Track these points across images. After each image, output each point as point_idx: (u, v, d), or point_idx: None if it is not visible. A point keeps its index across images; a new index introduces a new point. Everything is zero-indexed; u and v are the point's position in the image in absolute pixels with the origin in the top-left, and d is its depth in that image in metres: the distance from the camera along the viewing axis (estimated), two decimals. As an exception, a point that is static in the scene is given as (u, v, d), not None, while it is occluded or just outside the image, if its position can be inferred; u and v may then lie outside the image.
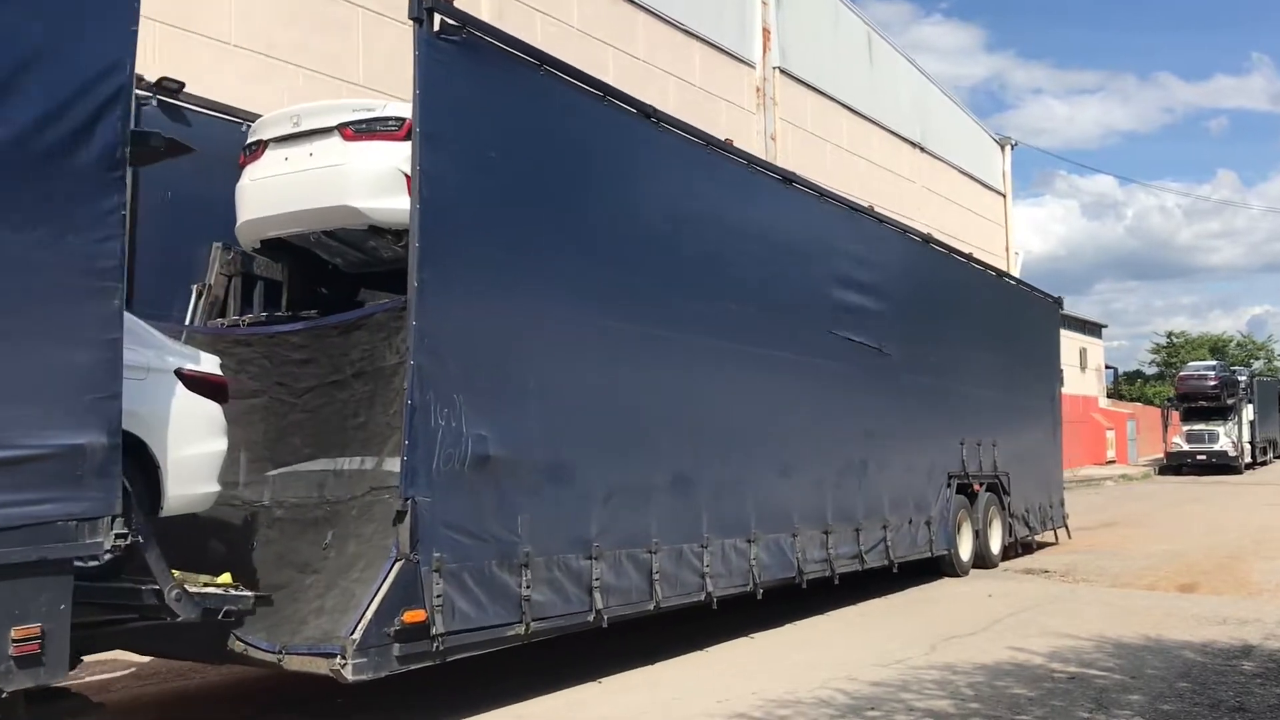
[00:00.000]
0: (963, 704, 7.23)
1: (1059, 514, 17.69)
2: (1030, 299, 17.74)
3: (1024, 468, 15.87)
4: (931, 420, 13.21)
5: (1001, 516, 15.09)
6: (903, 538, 12.19)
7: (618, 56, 19.63)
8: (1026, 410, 16.69)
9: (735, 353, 9.59)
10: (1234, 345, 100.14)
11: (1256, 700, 7.32)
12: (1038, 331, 17.83)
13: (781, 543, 9.97)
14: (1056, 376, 18.74)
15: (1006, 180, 39.71)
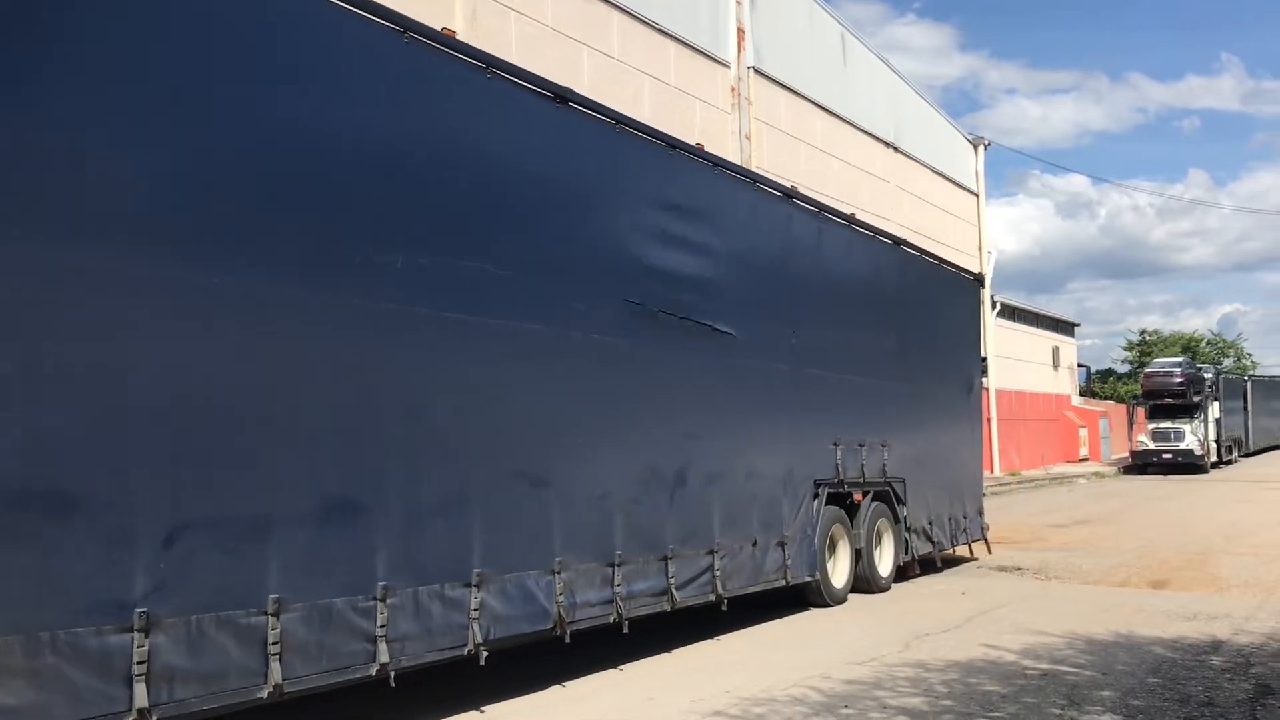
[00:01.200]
0: (936, 701, 7.27)
1: (976, 525, 15.31)
2: (942, 276, 15.16)
3: (928, 472, 13.57)
4: (791, 417, 10.81)
5: (894, 531, 12.73)
6: (741, 565, 9.76)
7: (592, 55, 19.62)
8: (933, 404, 14.19)
9: (459, 326, 7.03)
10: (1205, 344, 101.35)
11: (1225, 695, 7.40)
12: (952, 313, 15.29)
13: (530, 583, 7.37)
14: (977, 365, 16.25)
15: (979, 180, 39.94)
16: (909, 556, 13.14)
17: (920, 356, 13.82)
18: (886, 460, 12.61)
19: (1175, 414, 40.80)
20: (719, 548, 9.43)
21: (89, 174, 5.09)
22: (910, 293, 13.77)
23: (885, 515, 12.63)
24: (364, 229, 6.40)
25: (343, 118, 6.36)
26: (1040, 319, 48.05)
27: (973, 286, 16.62)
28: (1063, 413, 48.62)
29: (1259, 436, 53.86)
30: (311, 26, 6.22)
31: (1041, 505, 26.16)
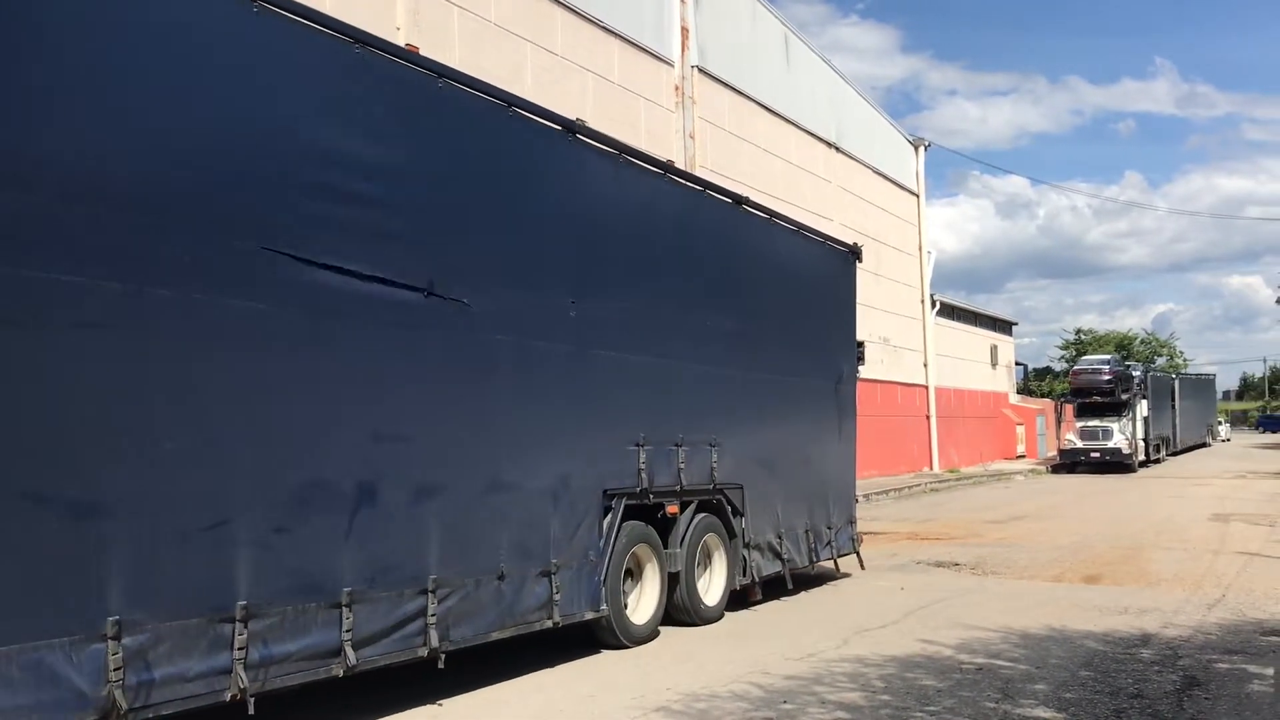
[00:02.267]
0: (873, 695, 7.36)
1: (846, 537, 13.20)
2: (805, 246, 12.86)
3: (779, 477, 11.66)
4: (567, 411, 8.49)
5: (727, 549, 10.64)
6: (477, 605, 7.45)
7: (536, 52, 19.57)
8: (789, 395, 12.08)
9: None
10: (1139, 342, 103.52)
11: (1153, 687, 7.58)
12: (819, 289, 13.09)
13: (53, 659, 4.98)
14: (851, 352, 13.88)
15: (920, 180, 40.42)
16: (749, 579, 10.95)
17: (771, 339, 11.66)
18: (717, 463, 10.40)
19: (1103, 412, 40.24)
20: (439, 585, 7.07)
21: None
22: (758, 263, 11.56)
23: (716, 530, 10.49)
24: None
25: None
26: (979, 318, 48.75)
27: (846, 260, 13.85)
28: (1001, 410, 49.37)
29: (1186, 435, 54.42)
30: None
31: (979, 502, 26.56)
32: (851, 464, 13.74)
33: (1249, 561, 14.48)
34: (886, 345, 35.77)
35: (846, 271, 13.94)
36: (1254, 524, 19.66)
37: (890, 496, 27.94)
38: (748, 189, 26.89)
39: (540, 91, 19.47)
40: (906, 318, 38.29)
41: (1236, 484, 31.81)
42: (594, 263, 8.95)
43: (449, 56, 17.20)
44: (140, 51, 5.57)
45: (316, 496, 6.41)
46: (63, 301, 5.16)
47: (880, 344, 35.20)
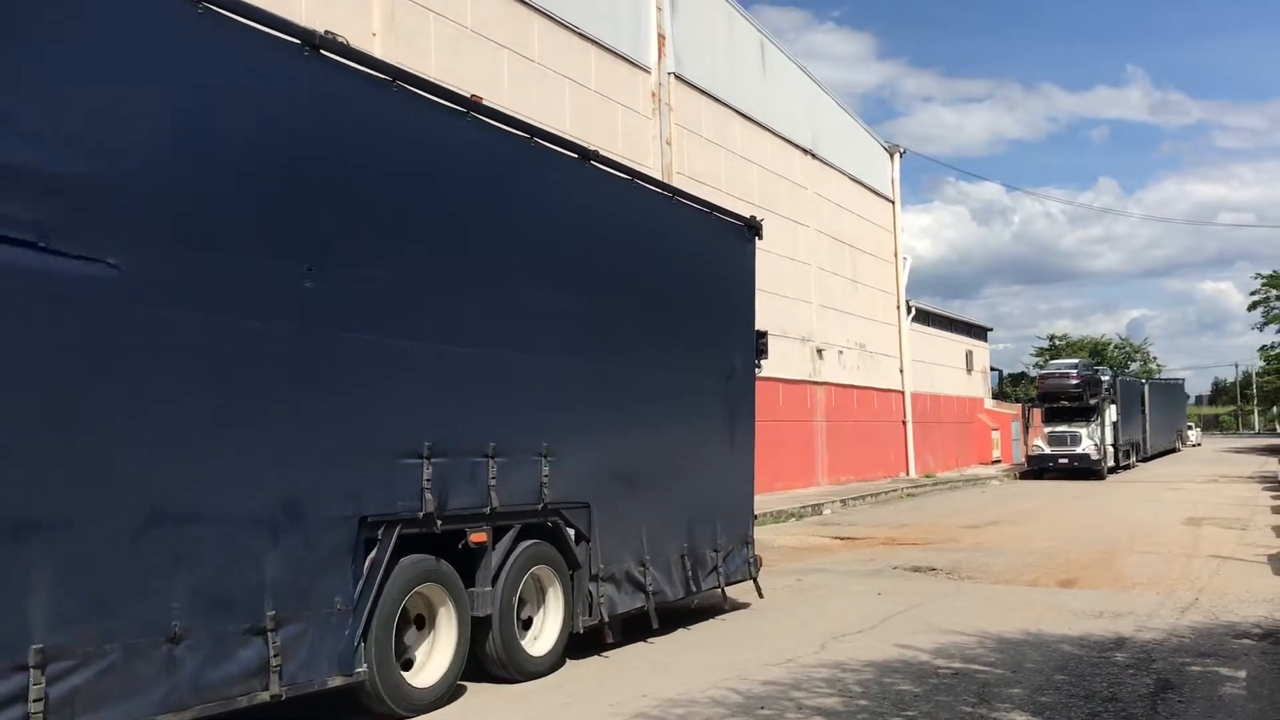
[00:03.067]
0: (851, 701, 7.38)
1: (740, 560, 11.28)
2: (687, 216, 10.87)
3: (644, 491, 9.61)
4: (291, 412, 6.42)
5: (565, 583, 8.60)
6: (131, 681, 5.38)
7: (512, 59, 19.56)
8: (659, 393, 9.99)
9: None
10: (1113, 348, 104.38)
11: (1128, 690, 7.63)
12: (703, 269, 11.01)
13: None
14: (748, 344, 11.83)
15: (895, 187, 40.64)
16: (596, 618, 8.83)
17: (635, 324, 9.65)
18: (550, 477, 8.34)
19: (1071, 417, 39.13)
20: (51, 658, 5.01)
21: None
22: (616, 232, 9.52)
23: (549, 561, 8.45)
24: None
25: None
26: (954, 324, 49.00)
27: (740, 236, 11.73)
28: (976, 415, 49.63)
29: (1157, 440, 53.77)
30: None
31: (955, 507, 26.67)
32: (748, 474, 11.66)
33: (1221, 565, 14.60)
34: (863, 351, 35.92)
35: (741, 249, 11.78)
36: (1226, 528, 19.82)
37: (867, 501, 28.02)
38: (724, 195, 26.99)
39: (516, 98, 19.47)
40: (882, 324, 38.48)
41: (1209, 488, 32.08)
42: (346, 219, 6.80)
43: (425, 62, 17.20)
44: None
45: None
46: None
47: (857, 350, 35.36)
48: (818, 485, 31.20)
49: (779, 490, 28.49)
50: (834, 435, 32.70)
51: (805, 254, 31.86)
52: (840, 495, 27.87)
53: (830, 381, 32.85)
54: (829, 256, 33.70)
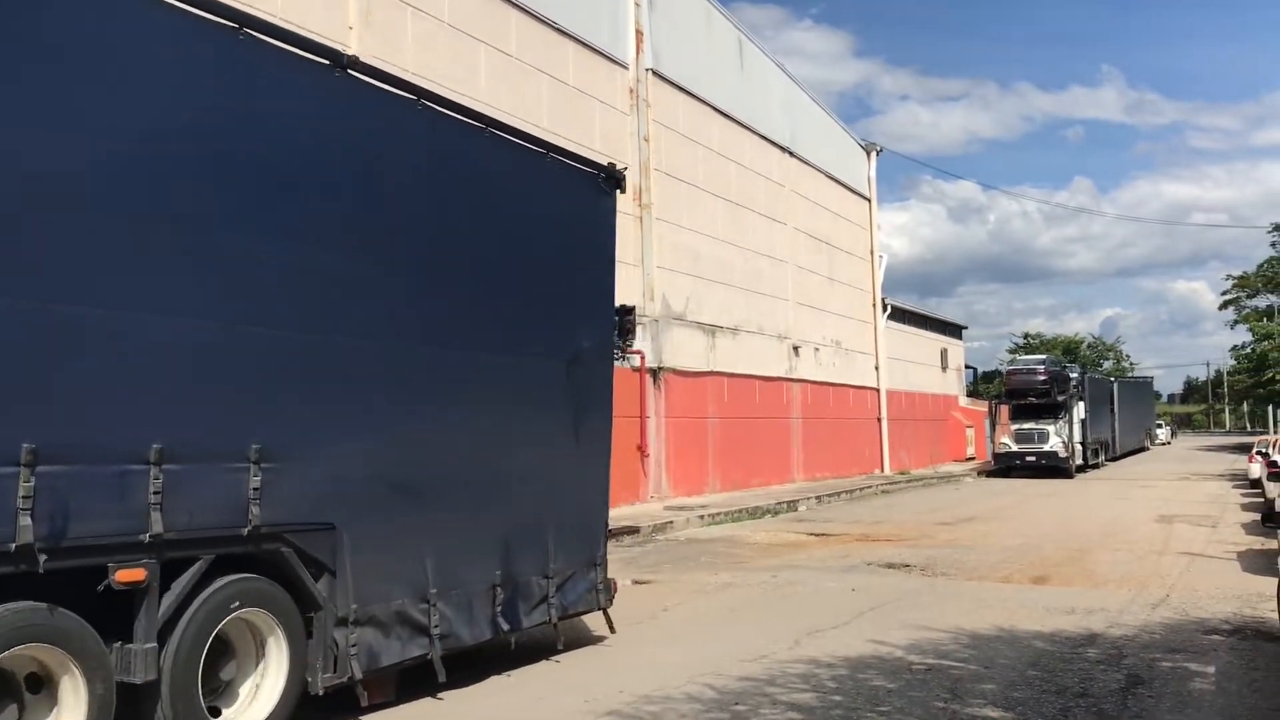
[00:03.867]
0: (825, 696, 7.41)
1: (584, 587, 9.16)
2: (509, 156, 8.59)
3: (431, 505, 7.55)
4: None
5: (294, 632, 6.52)
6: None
7: (490, 53, 19.51)
8: (458, 377, 7.88)
9: None
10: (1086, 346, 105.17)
11: (1099, 685, 7.70)
12: (535, 224, 8.80)
13: None
14: (602, 319, 9.69)
15: (871, 185, 40.78)
16: (344, 674, 6.77)
17: (423, 290, 7.59)
18: (264, 490, 6.20)
19: (1039, 414, 38.47)
20: None
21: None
22: (384, 166, 7.34)
23: (265, 603, 6.35)
24: None
25: None
26: (929, 321, 49.23)
27: (592, 188, 9.64)
28: (950, 413, 49.90)
29: (1126, 439, 53.27)
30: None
31: (930, 504, 26.80)
32: (599, 480, 9.49)
33: (1192, 562, 14.75)
34: (839, 348, 36.05)
35: (594, 203, 9.65)
36: (1197, 525, 20.01)
37: (842, 498, 28.13)
38: (702, 191, 27.10)
39: (493, 93, 19.43)
40: (859, 321, 38.62)
41: (1180, 486, 32.38)
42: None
43: (402, 57, 17.13)
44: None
45: None
46: None
47: (833, 347, 35.49)
48: (793, 482, 31.30)
49: (755, 487, 28.58)
50: (810, 432, 32.80)
51: (783, 252, 31.93)
52: (816, 492, 27.97)
53: (806, 379, 32.95)
54: (806, 254, 33.79)
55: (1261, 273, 69.47)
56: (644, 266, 24.34)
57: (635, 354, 23.65)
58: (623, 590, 12.62)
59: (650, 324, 24.26)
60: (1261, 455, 28.56)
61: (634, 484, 23.61)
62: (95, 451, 5.43)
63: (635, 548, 17.28)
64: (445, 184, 7.92)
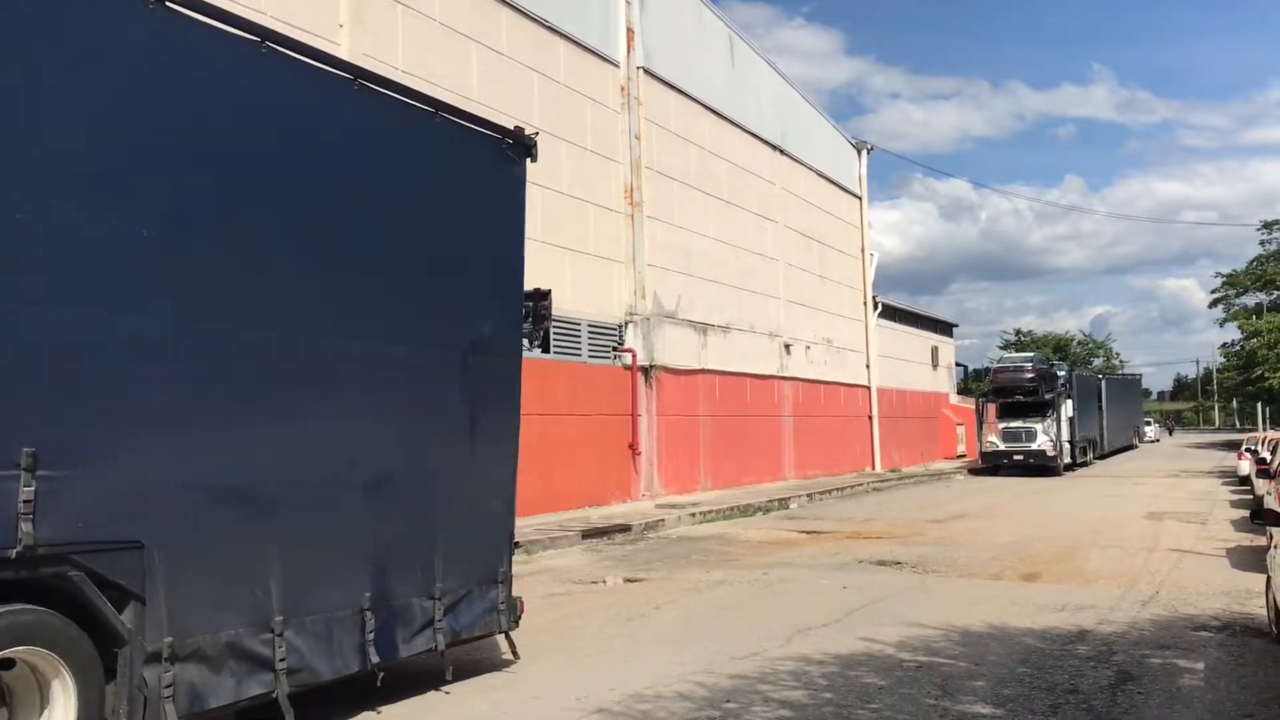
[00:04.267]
0: (817, 694, 7.42)
1: (481, 609, 8.08)
2: (386, 112, 7.46)
3: (287, 517, 6.49)
4: None
5: (86, 672, 5.40)
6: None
7: (480, 51, 19.49)
8: (331, 370, 6.91)
9: None
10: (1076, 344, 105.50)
11: (1089, 682, 7.73)
12: (422, 195, 7.71)
13: None
14: (508, 305, 8.59)
15: (862, 184, 40.82)
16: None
17: (267, 265, 6.49)
18: (43, 502, 5.13)
19: (1026, 412, 38.03)
20: None
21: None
22: (232, 123, 6.28)
23: (44, 639, 5.24)
24: None
25: None
26: (920, 319, 49.31)
27: (496, 155, 8.36)
28: (941, 411, 49.98)
29: (1114, 437, 52.74)
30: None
31: (921, 501, 26.85)
32: (501, 484, 8.40)
33: (1181, 559, 14.80)
34: (830, 346, 36.10)
35: (497, 173, 8.42)
36: (1186, 522, 20.09)
37: (833, 496, 28.17)
38: (693, 189, 27.11)
39: (486, 91, 19.41)
40: (850, 319, 38.67)
41: (1170, 483, 32.49)
42: None
43: (393, 55, 17.11)
44: None
45: None
46: None
47: (824, 345, 35.52)
48: (785, 479, 31.34)
49: (746, 485, 28.60)
50: (801, 430, 32.84)
51: (774, 250, 31.96)
52: (807, 489, 28.01)
53: (798, 377, 32.98)
54: (797, 252, 33.82)
55: (1250, 271, 69.75)
56: (635, 265, 24.35)
57: (627, 352, 23.69)
58: (615, 589, 12.69)
59: (642, 322, 24.27)
60: (1250, 453, 28.73)
61: (626, 482, 23.63)
62: None
63: (627, 545, 17.29)
64: (293, 139, 6.69)
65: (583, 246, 22.49)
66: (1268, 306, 69.20)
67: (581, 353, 22.27)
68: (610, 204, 23.71)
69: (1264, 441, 29.43)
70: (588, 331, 22.49)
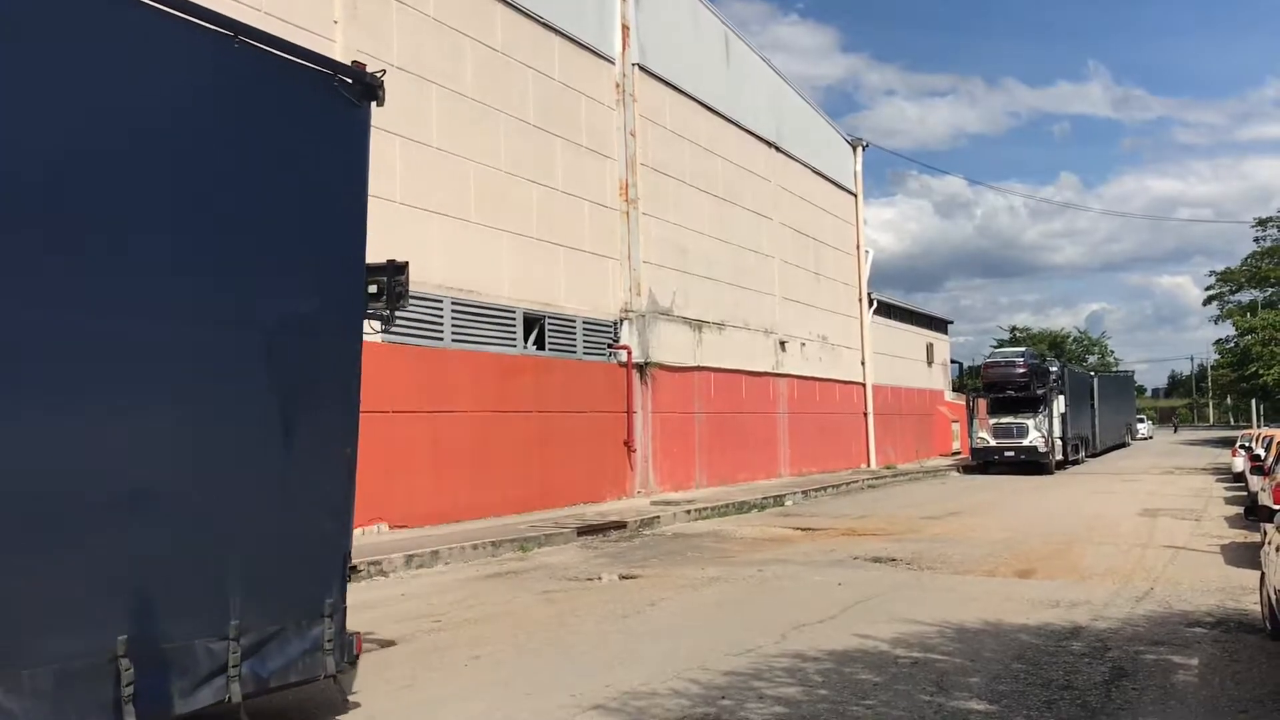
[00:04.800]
0: (812, 690, 7.42)
1: (300, 648, 6.52)
2: (178, 36, 5.79)
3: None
4: None
5: None
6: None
7: (475, 48, 19.46)
8: (33, 350, 5.10)
9: None
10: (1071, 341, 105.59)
11: (1083, 678, 7.74)
12: (227, 142, 6.15)
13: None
14: (344, 276, 7.07)
15: (858, 180, 40.83)
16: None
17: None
18: None
19: (1018, 408, 37.16)
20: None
21: None
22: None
23: None
24: None
25: None
26: (915, 316, 49.34)
27: (327, 94, 6.87)
28: (936, 408, 50.02)
29: (1106, 435, 51.93)
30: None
31: (916, 498, 26.88)
32: (330, 496, 6.87)
33: (1176, 555, 14.82)
34: (825, 343, 36.11)
35: (329, 117, 6.94)
36: (1181, 518, 20.13)
37: (828, 493, 28.19)
38: (689, 186, 27.10)
39: (479, 87, 19.39)
40: (845, 316, 38.69)
41: (1165, 479, 32.55)
42: None
43: (387, 50, 17.08)
44: None
45: None
46: None
47: (819, 342, 35.53)
48: (780, 477, 31.35)
49: (741, 482, 28.62)
50: (796, 427, 32.85)
51: (769, 247, 31.96)
52: (802, 486, 28.02)
53: (793, 374, 32.99)
54: (792, 249, 33.83)
55: (1245, 268, 69.87)
56: (630, 262, 24.34)
57: (622, 349, 23.68)
58: (610, 585, 12.68)
59: (637, 319, 24.26)
60: (1245, 449, 28.78)
61: (621, 479, 23.63)
62: None
63: (622, 542, 17.29)
64: (19, 61, 5.13)
65: (578, 243, 22.49)
66: (1262, 303, 69.35)
67: (576, 350, 22.26)
68: (605, 201, 23.70)
69: (1258, 438, 29.49)
70: (583, 328, 22.48)
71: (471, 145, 19.17)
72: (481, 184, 19.45)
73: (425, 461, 17.71)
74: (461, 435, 18.51)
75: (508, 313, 20.07)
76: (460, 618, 10.52)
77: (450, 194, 18.64)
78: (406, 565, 13.90)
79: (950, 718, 6.75)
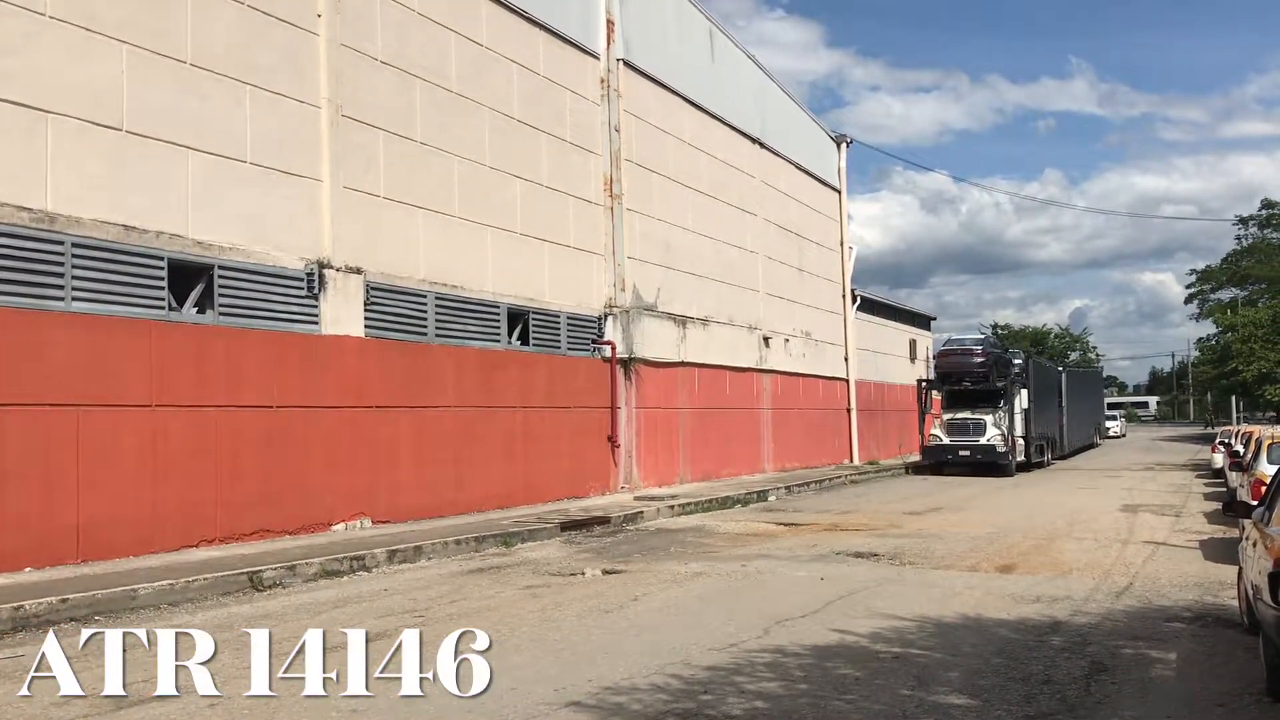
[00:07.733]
0: (792, 685, 7.46)
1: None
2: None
3: None
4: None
5: None
6: None
7: (459, 42, 19.42)
8: None
9: None
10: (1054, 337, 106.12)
11: (1063, 672, 7.80)
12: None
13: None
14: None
15: (842, 177, 40.88)
16: None
17: None
18: None
19: (976, 402, 33.98)
20: None
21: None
22: None
23: None
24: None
25: None
26: (899, 312, 49.45)
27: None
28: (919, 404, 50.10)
29: (1075, 436, 47.72)
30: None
31: (898, 494, 26.98)
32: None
33: (1155, 550, 14.93)
34: (809, 339, 36.16)
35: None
36: (1161, 514, 20.28)
37: (812, 488, 28.26)
38: (673, 182, 27.10)
39: (464, 82, 19.35)
40: (829, 312, 38.75)
41: (1145, 476, 32.77)
42: None
43: (372, 45, 17.03)
44: None
45: None
46: None
47: (803, 338, 35.59)
48: (763, 472, 31.41)
49: (725, 477, 28.66)
50: (780, 422, 32.91)
51: (753, 243, 31.99)
52: (785, 482, 28.08)
53: (777, 369, 33.03)
54: (777, 245, 33.86)
55: (1225, 266, 70.33)
56: (615, 257, 24.33)
57: (606, 344, 23.68)
58: (593, 580, 12.70)
59: (621, 315, 24.26)
60: (1224, 445, 28.99)
61: (605, 474, 23.64)
62: None
63: (606, 538, 17.30)
64: None
65: (562, 238, 22.46)
66: (1242, 301, 69.81)
67: (560, 345, 22.24)
68: (590, 196, 23.68)
69: (1237, 435, 29.71)
70: (567, 324, 22.46)
71: (456, 140, 19.13)
72: (466, 179, 19.41)
73: (409, 456, 17.68)
74: (445, 430, 18.49)
75: (492, 308, 20.04)
76: (443, 613, 10.52)
77: (434, 189, 18.60)
78: (389, 560, 13.88)
79: (930, 712, 6.79)
